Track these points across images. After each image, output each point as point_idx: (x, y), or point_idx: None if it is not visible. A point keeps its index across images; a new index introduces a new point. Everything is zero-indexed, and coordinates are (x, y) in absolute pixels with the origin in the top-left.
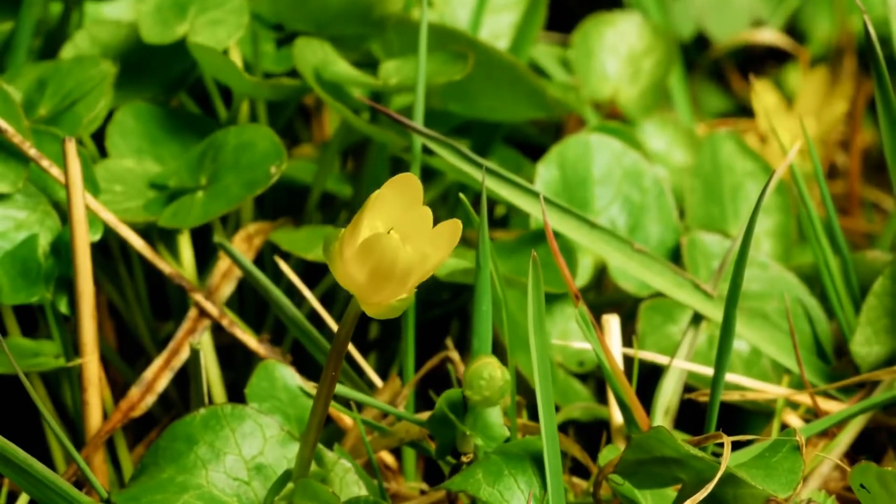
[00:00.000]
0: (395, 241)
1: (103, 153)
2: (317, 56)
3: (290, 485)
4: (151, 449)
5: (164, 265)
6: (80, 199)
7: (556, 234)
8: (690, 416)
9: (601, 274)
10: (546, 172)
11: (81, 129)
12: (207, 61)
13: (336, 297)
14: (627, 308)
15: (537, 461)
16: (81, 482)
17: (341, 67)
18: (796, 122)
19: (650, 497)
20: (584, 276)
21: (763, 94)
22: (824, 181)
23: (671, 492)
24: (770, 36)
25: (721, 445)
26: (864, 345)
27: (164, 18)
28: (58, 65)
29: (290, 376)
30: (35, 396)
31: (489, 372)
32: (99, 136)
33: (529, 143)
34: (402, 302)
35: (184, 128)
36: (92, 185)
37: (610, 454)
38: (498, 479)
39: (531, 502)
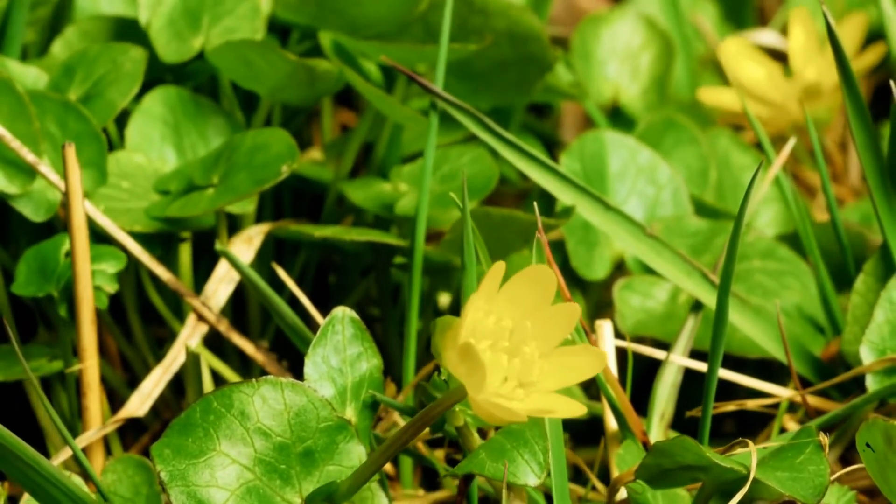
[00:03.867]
0: (481, 360)
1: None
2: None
3: None
4: (203, 405)
5: (162, 270)
6: (80, 206)
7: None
8: (685, 403)
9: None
10: (569, 163)
11: (114, 116)
12: (233, 58)
13: (334, 300)
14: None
15: (539, 434)
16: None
17: (361, 43)
18: (828, 64)
19: (661, 498)
20: (602, 270)
21: (797, 30)
22: (827, 178)
23: (683, 492)
24: (771, 38)
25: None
26: (854, 343)
27: (178, 31)
28: (85, 51)
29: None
30: (43, 397)
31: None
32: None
33: (536, 137)
34: (513, 419)
35: (208, 120)
36: (101, 174)
37: (626, 455)
38: (501, 454)
39: (535, 470)
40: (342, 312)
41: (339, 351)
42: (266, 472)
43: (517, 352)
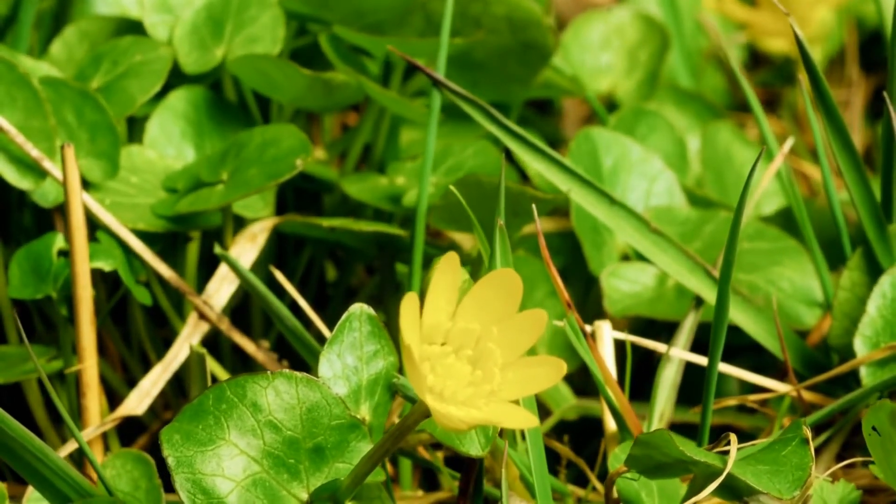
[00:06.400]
0: (416, 363)
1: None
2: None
3: None
4: (216, 392)
5: (164, 268)
6: (79, 206)
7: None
8: (689, 393)
9: None
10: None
11: (132, 111)
12: (254, 69)
13: (332, 300)
14: None
15: None
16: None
17: (362, 37)
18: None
19: (656, 494)
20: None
21: None
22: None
23: (681, 486)
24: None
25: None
26: (844, 337)
27: (202, 39)
28: (116, 42)
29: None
30: (51, 390)
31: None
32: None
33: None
34: (463, 427)
35: (230, 122)
36: (113, 166)
37: (621, 455)
38: None
39: (481, 442)
40: (359, 309)
41: (356, 348)
42: (274, 466)
43: (480, 359)
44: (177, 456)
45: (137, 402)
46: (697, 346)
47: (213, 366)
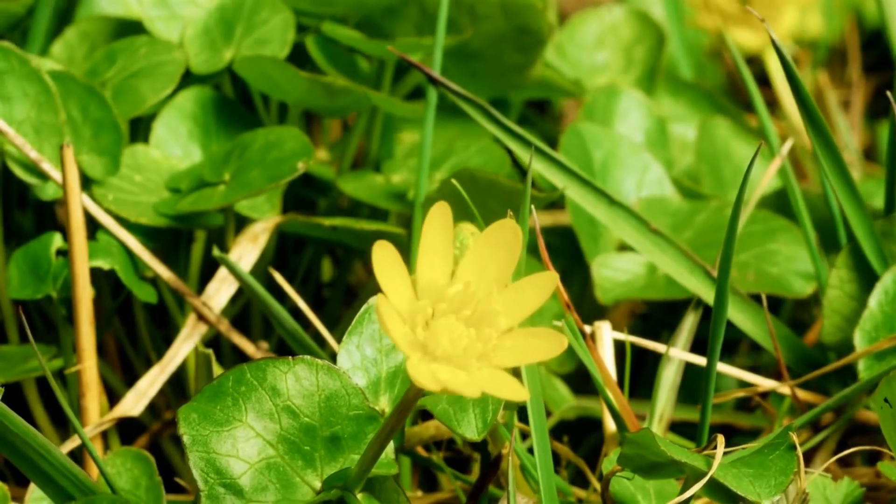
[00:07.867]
0: (385, 320)
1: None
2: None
3: (334, 491)
4: (237, 374)
5: (163, 269)
6: (79, 206)
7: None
8: (689, 391)
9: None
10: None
11: (141, 111)
12: (257, 71)
13: (330, 300)
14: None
15: (496, 398)
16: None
17: (349, 32)
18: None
19: (653, 495)
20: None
21: None
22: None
23: (678, 487)
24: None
25: (732, 435)
26: (835, 334)
27: (212, 41)
28: (132, 41)
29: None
30: (56, 388)
31: (461, 238)
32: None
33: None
34: (436, 389)
35: (238, 124)
36: (114, 164)
37: (616, 456)
38: (459, 402)
39: (478, 426)
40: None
41: (375, 340)
42: (289, 451)
43: (481, 321)
44: (192, 434)
45: (134, 402)
46: (697, 344)
47: (213, 367)
